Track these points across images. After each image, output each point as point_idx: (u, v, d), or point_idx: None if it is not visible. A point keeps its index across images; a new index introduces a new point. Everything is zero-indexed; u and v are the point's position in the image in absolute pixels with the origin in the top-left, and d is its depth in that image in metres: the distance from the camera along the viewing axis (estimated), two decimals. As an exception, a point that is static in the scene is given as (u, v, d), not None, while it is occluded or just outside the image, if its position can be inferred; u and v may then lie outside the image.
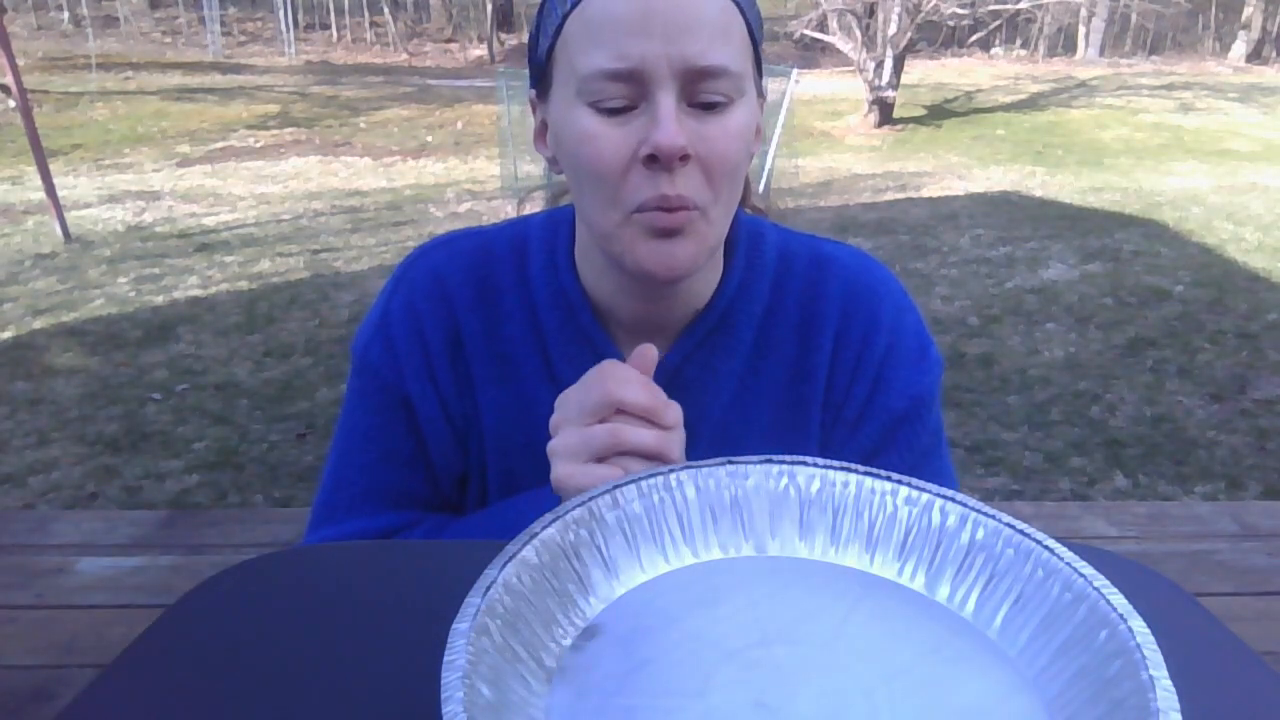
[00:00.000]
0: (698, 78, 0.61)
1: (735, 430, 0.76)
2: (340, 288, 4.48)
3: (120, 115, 8.87)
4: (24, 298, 4.29)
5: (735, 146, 0.64)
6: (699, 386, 0.75)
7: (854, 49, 9.22)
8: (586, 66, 0.62)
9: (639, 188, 0.63)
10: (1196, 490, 2.76)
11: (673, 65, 0.60)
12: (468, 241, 0.79)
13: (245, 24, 13.97)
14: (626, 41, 0.60)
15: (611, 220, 0.65)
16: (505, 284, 0.76)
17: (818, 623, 0.49)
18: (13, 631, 1.47)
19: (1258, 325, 4.03)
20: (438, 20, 15.06)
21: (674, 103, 0.61)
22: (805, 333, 0.75)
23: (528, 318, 0.76)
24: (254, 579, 0.59)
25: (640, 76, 0.61)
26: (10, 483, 2.78)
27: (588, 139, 0.63)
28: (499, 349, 0.76)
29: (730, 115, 0.64)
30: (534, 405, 0.75)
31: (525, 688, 0.43)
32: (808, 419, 0.76)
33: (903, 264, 4.89)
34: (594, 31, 0.61)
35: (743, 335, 0.75)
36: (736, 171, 0.65)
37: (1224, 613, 0.57)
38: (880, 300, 0.76)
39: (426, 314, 0.76)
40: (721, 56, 0.61)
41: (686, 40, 0.60)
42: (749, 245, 0.76)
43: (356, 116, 9.26)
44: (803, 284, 0.76)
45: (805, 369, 0.75)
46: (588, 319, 0.74)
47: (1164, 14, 14.36)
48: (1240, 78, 13.56)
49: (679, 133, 0.61)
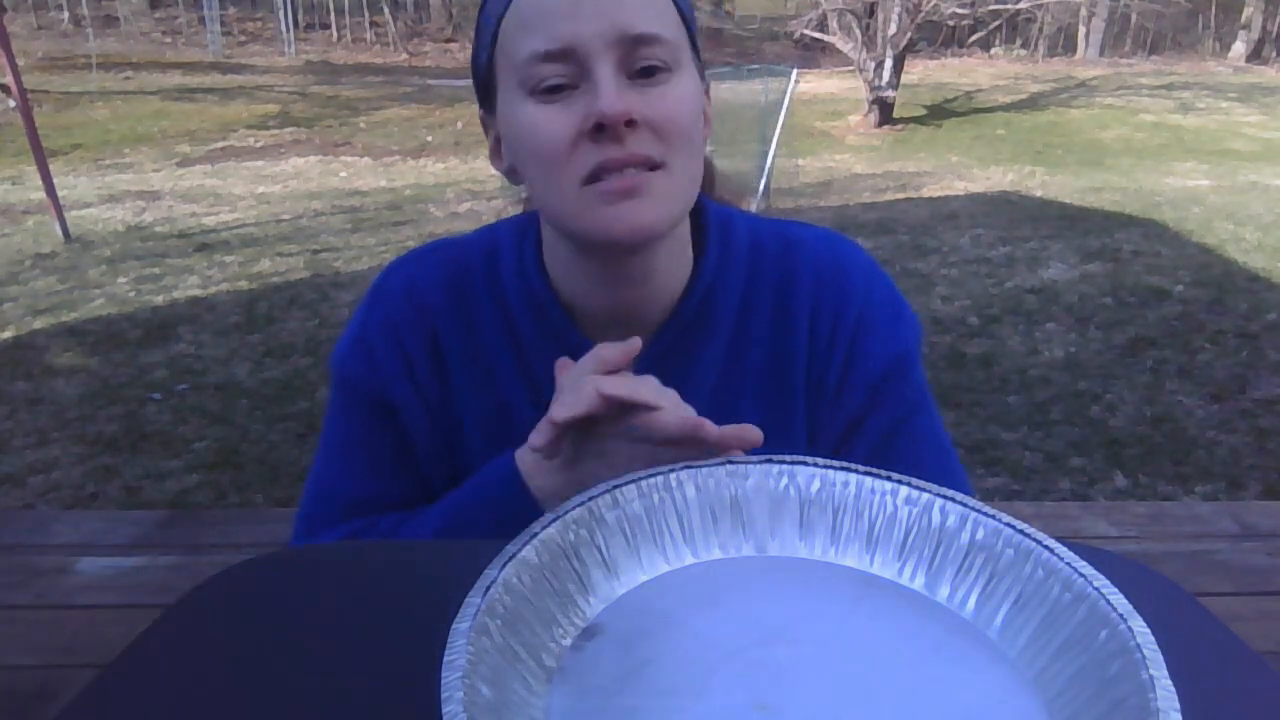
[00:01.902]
0: (632, 46, 0.63)
1: (722, 417, 0.76)
2: (340, 288, 4.47)
3: (120, 115, 8.87)
4: (24, 298, 4.29)
5: (681, 109, 0.65)
6: (682, 375, 0.75)
7: (854, 49, 9.22)
8: (522, 54, 0.63)
9: (586, 159, 0.63)
10: (1196, 490, 2.76)
11: (606, 38, 0.62)
12: (439, 254, 0.79)
13: (245, 24, 13.97)
14: (559, 24, 0.62)
15: (565, 197, 0.65)
16: (479, 292, 0.77)
17: (818, 623, 0.49)
18: (13, 631, 1.47)
19: (1258, 325, 4.03)
20: (438, 20, 15.06)
21: (613, 73, 0.62)
22: (781, 317, 0.76)
23: (502, 323, 0.76)
24: (254, 579, 0.59)
25: (576, 54, 0.62)
26: (10, 483, 2.78)
27: (532, 125, 0.64)
28: (476, 356, 0.77)
29: (672, 83, 0.65)
30: (511, 409, 0.76)
31: (525, 688, 0.43)
32: (793, 403, 0.76)
33: (903, 264, 4.89)
34: (526, 22, 0.64)
35: (722, 323, 0.76)
36: (689, 135, 0.66)
37: (1224, 613, 0.57)
38: (848, 273, 0.77)
39: (404, 324, 0.76)
40: (652, 25, 0.63)
41: (616, 13, 0.62)
42: (721, 234, 0.77)
43: (356, 116, 9.26)
44: (775, 269, 0.77)
45: (785, 352, 0.76)
46: (558, 315, 0.75)
47: (1164, 14, 14.36)
48: (1240, 78, 13.56)
49: (620, 98, 0.61)
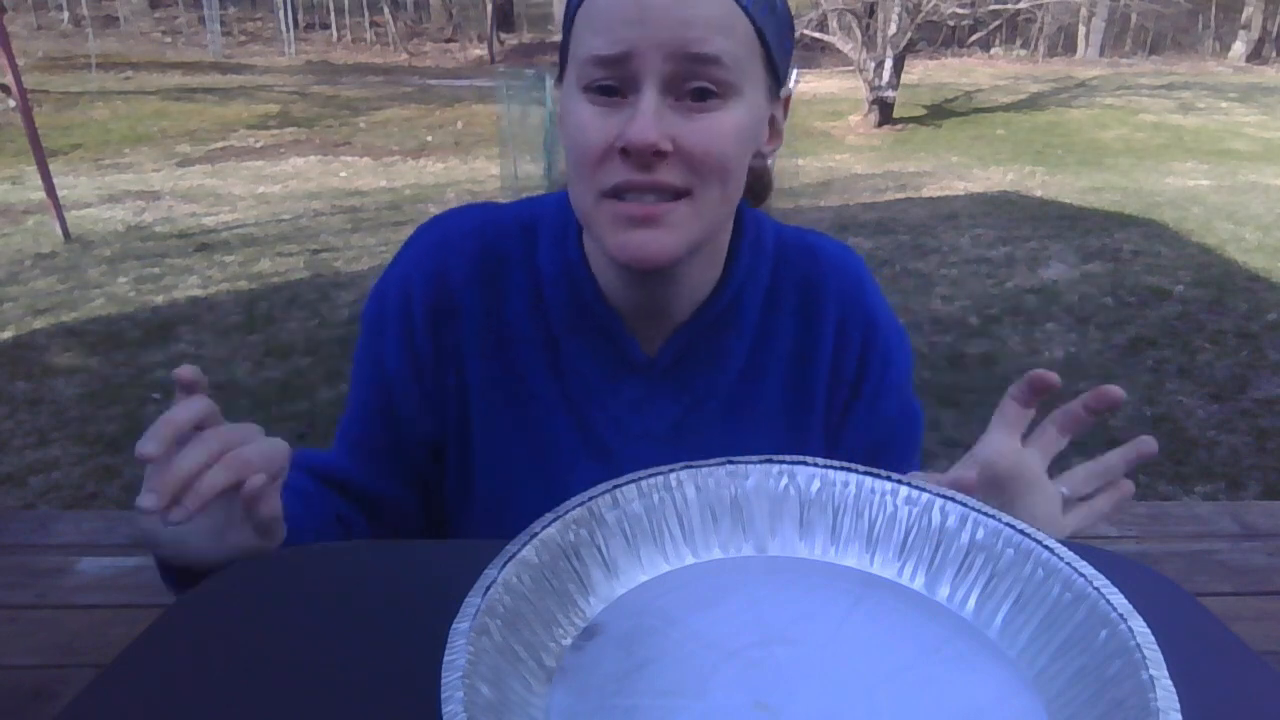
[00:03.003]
0: (688, 65, 0.62)
1: (743, 404, 0.79)
2: (340, 288, 4.47)
3: (120, 115, 8.86)
4: (24, 298, 4.28)
5: (722, 144, 0.64)
6: (708, 363, 0.78)
7: (854, 49, 9.21)
8: (584, 53, 0.64)
9: (611, 174, 0.64)
10: (1196, 490, 2.76)
11: (663, 49, 0.61)
12: (477, 218, 0.80)
13: (245, 24, 13.97)
14: (621, 28, 0.62)
15: (586, 202, 0.67)
16: (513, 259, 0.78)
17: (818, 623, 0.49)
18: (13, 631, 1.47)
19: (1258, 325, 4.03)
20: (438, 20, 15.05)
21: (657, 96, 0.62)
22: (805, 317, 0.80)
23: (532, 293, 0.77)
24: (254, 579, 0.59)
25: (631, 64, 0.62)
26: (10, 483, 2.78)
27: (577, 124, 0.65)
28: (498, 322, 0.77)
29: (722, 113, 0.64)
30: (528, 377, 0.77)
31: (525, 688, 0.43)
32: (812, 396, 0.81)
33: (903, 264, 4.88)
34: (594, 20, 0.64)
35: (748, 317, 0.79)
36: (726, 168, 0.65)
37: (1224, 613, 0.57)
38: (871, 293, 0.82)
39: (419, 283, 0.77)
40: (714, 46, 0.62)
41: (680, 28, 0.61)
42: (754, 235, 0.79)
43: (356, 116, 9.25)
44: (798, 271, 0.80)
45: (807, 351, 0.80)
46: (592, 294, 0.76)
47: (1164, 14, 14.36)
48: (1240, 78, 13.55)
49: (652, 128, 0.61)
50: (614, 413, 0.78)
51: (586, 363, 0.77)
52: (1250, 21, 15.72)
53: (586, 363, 0.77)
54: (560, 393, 0.77)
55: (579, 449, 0.78)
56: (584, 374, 0.77)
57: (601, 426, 0.78)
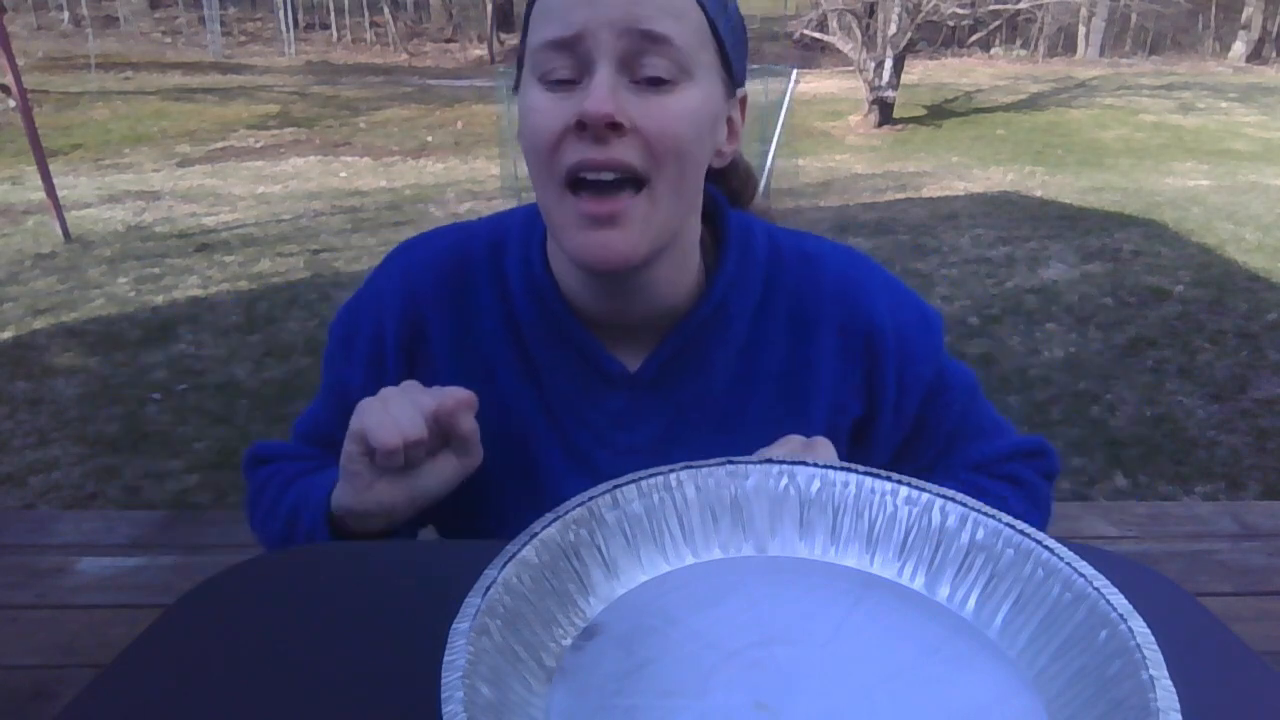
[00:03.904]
0: (640, 43, 0.62)
1: (733, 416, 0.77)
2: (340, 288, 4.47)
3: (120, 115, 8.86)
4: (24, 298, 4.28)
5: (678, 126, 0.64)
6: (694, 373, 0.76)
7: (854, 49, 9.21)
8: (538, 40, 0.64)
9: (568, 153, 0.64)
10: (1196, 490, 2.76)
11: (614, 27, 0.62)
12: (445, 239, 0.80)
13: (245, 24, 13.96)
14: (571, 12, 0.62)
15: (549, 197, 0.66)
16: (480, 279, 0.78)
17: (818, 623, 0.49)
18: (13, 631, 1.47)
19: (1258, 325, 4.03)
20: (438, 20, 15.05)
21: (610, 73, 0.62)
22: (799, 326, 0.77)
23: (503, 311, 0.77)
24: (254, 579, 0.59)
25: (582, 45, 0.62)
26: (10, 483, 2.78)
27: (530, 111, 0.65)
28: (471, 343, 0.77)
29: (675, 95, 0.64)
30: (505, 397, 0.77)
31: (525, 688, 0.43)
32: (806, 409, 0.77)
33: (903, 264, 4.88)
34: (547, 10, 0.64)
35: (736, 327, 0.76)
36: (683, 152, 0.65)
37: (1224, 613, 0.57)
38: (873, 295, 0.78)
39: (389, 309, 0.77)
40: (664, 26, 0.62)
41: (631, 6, 0.62)
42: (741, 240, 0.77)
43: (356, 116, 9.25)
44: (793, 279, 0.78)
45: (803, 361, 0.77)
46: (560, 307, 0.75)
47: (1164, 14, 14.35)
48: (1240, 78, 13.54)
49: (608, 99, 0.61)
50: (598, 428, 0.76)
51: (564, 378, 0.76)
52: (1250, 21, 15.71)
53: (564, 378, 0.76)
54: (541, 409, 0.77)
55: (564, 465, 0.77)
56: (563, 390, 0.76)
57: (586, 442, 0.76)
